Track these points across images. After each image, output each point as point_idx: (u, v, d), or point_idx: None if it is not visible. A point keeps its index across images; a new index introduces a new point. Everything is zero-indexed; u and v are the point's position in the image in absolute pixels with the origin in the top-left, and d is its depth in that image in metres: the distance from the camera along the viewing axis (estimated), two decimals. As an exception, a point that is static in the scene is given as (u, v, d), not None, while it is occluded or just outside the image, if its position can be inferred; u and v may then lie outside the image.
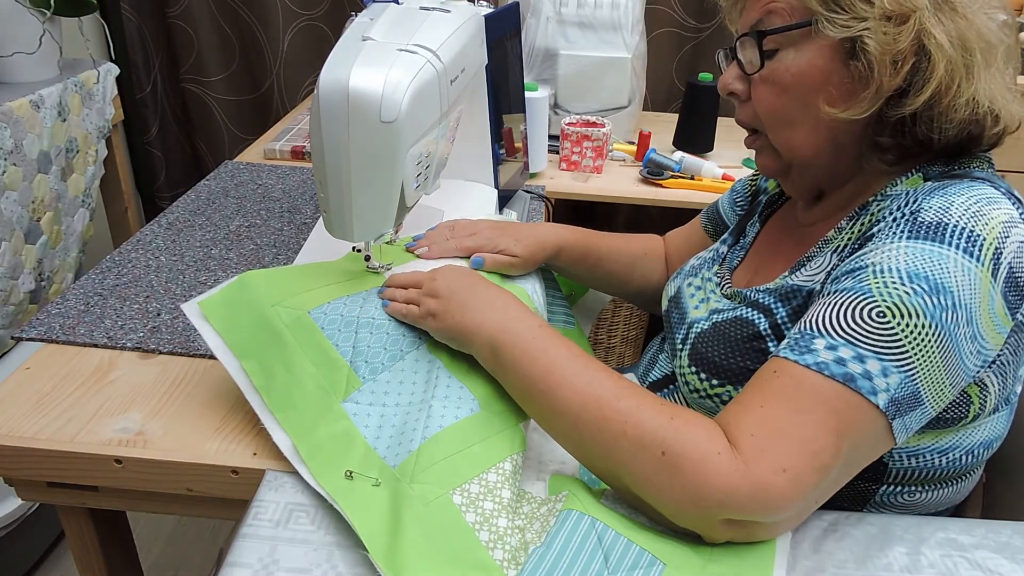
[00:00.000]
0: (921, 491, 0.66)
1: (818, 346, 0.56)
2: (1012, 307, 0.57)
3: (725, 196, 0.95)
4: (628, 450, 0.56)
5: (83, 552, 0.78)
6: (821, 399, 0.54)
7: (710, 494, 0.53)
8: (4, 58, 1.37)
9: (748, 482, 0.52)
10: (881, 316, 0.54)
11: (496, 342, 0.64)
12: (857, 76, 0.61)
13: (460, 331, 0.66)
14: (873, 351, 0.54)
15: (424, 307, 0.68)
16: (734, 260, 0.82)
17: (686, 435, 0.55)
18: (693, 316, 0.76)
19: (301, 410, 0.64)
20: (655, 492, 0.55)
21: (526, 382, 0.62)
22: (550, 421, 0.62)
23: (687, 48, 1.89)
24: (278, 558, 0.55)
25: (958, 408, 0.61)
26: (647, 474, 0.55)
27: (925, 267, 0.55)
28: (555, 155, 1.53)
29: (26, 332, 0.81)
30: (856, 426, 0.54)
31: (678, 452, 0.54)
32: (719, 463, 0.53)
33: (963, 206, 0.57)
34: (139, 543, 0.91)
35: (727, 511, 0.53)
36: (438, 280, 0.70)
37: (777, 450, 0.53)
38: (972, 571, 0.57)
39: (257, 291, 0.70)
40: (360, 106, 0.64)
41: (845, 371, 0.54)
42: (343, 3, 1.93)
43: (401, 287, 0.73)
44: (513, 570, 0.54)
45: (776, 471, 0.52)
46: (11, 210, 1.27)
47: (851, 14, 0.60)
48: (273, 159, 1.40)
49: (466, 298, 0.67)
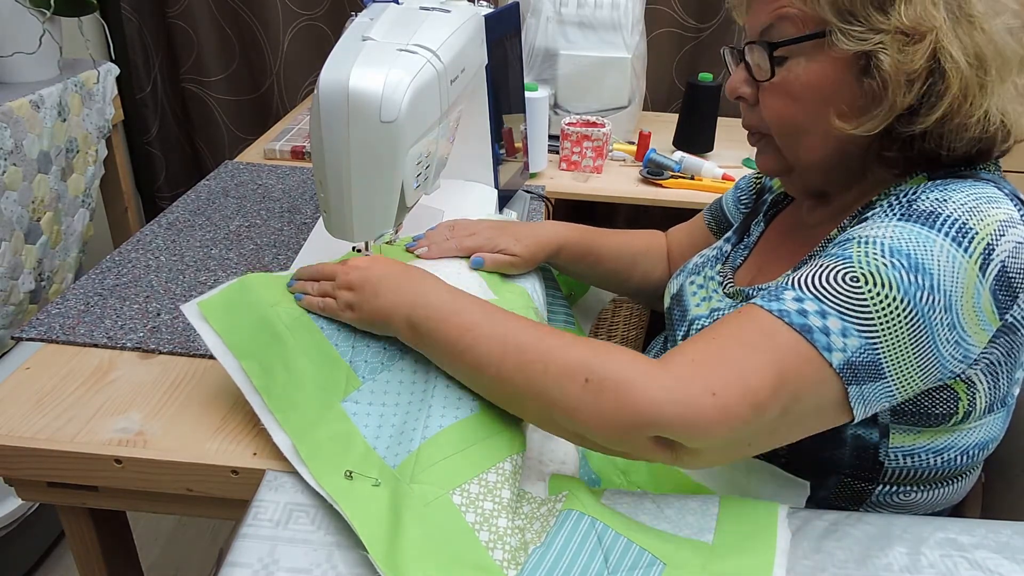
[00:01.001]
0: (917, 491, 0.66)
1: (786, 296, 0.56)
2: (1001, 307, 0.56)
3: (729, 193, 0.95)
4: (553, 384, 0.56)
5: (83, 552, 0.78)
6: (772, 341, 0.54)
7: (634, 408, 0.53)
8: (4, 58, 1.37)
9: (674, 398, 0.52)
10: (854, 280, 0.55)
11: (412, 317, 0.64)
12: (870, 93, 0.60)
13: (378, 315, 0.66)
14: (837, 310, 0.54)
15: (342, 300, 0.68)
16: (737, 259, 0.81)
17: (608, 360, 0.55)
18: (695, 313, 0.76)
19: (301, 410, 0.64)
20: (584, 420, 0.56)
21: (446, 345, 0.62)
22: (477, 378, 0.62)
23: (687, 48, 1.89)
24: (278, 558, 0.55)
25: (945, 404, 0.61)
26: (574, 404, 0.56)
27: (909, 246, 0.55)
28: (555, 155, 1.53)
29: (26, 332, 0.81)
30: (803, 378, 0.54)
31: (601, 375, 0.55)
32: (644, 378, 0.53)
33: (960, 201, 0.57)
34: (139, 543, 0.91)
35: (653, 428, 0.53)
36: (351, 272, 0.69)
37: (711, 374, 0.53)
38: (972, 571, 0.57)
39: (256, 292, 0.70)
40: (360, 106, 0.64)
41: (804, 322, 0.54)
42: (343, 3, 1.93)
43: (311, 279, 0.71)
44: (513, 570, 0.54)
45: (705, 392, 0.52)
46: (11, 210, 1.27)
47: (867, 26, 0.58)
48: (273, 159, 1.40)
49: (378, 283, 0.67)
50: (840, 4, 0.59)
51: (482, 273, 0.80)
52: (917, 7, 0.57)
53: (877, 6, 0.58)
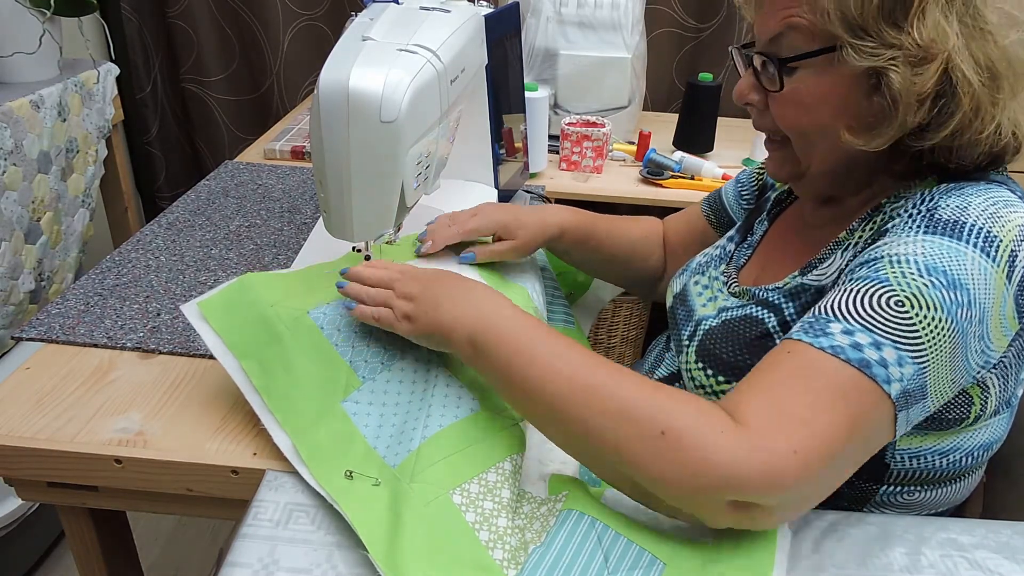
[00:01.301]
0: (921, 491, 0.66)
1: (834, 330, 0.54)
2: (1021, 311, 0.56)
3: (730, 186, 0.94)
4: (624, 433, 0.53)
5: (83, 552, 0.78)
6: (835, 383, 0.52)
7: (714, 473, 0.50)
8: (4, 58, 1.37)
9: (756, 461, 0.50)
10: (899, 305, 0.53)
11: (475, 335, 0.61)
12: (879, 110, 0.59)
13: (436, 329, 0.63)
14: (891, 339, 0.53)
15: (399, 310, 0.65)
16: (741, 258, 0.81)
17: (686, 414, 0.53)
18: (701, 313, 0.76)
19: (301, 410, 0.64)
20: (655, 475, 0.53)
21: (507, 370, 0.59)
22: (536, 408, 0.59)
23: (687, 48, 1.89)
24: (278, 558, 0.55)
25: (959, 409, 0.61)
26: (645, 456, 0.53)
27: (943, 261, 0.54)
28: (555, 155, 1.53)
29: (26, 332, 0.81)
30: (868, 414, 0.53)
31: (679, 431, 0.52)
32: (724, 441, 0.51)
33: (980, 206, 0.57)
34: (139, 543, 0.91)
35: (732, 492, 0.51)
36: (410, 282, 0.67)
37: (788, 429, 0.51)
38: (972, 571, 0.57)
39: (256, 292, 0.70)
40: (360, 106, 0.64)
41: (862, 356, 0.53)
42: (343, 3, 1.92)
43: (363, 282, 0.69)
44: (513, 570, 0.54)
45: (787, 452, 0.50)
46: (11, 210, 1.27)
47: (878, 41, 0.57)
48: (273, 159, 1.40)
49: (439, 295, 0.65)
50: (851, 19, 0.57)
51: (483, 272, 0.80)
52: (930, 21, 0.55)
53: (890, 21, 0.56)
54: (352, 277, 0.70)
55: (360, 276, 0.70)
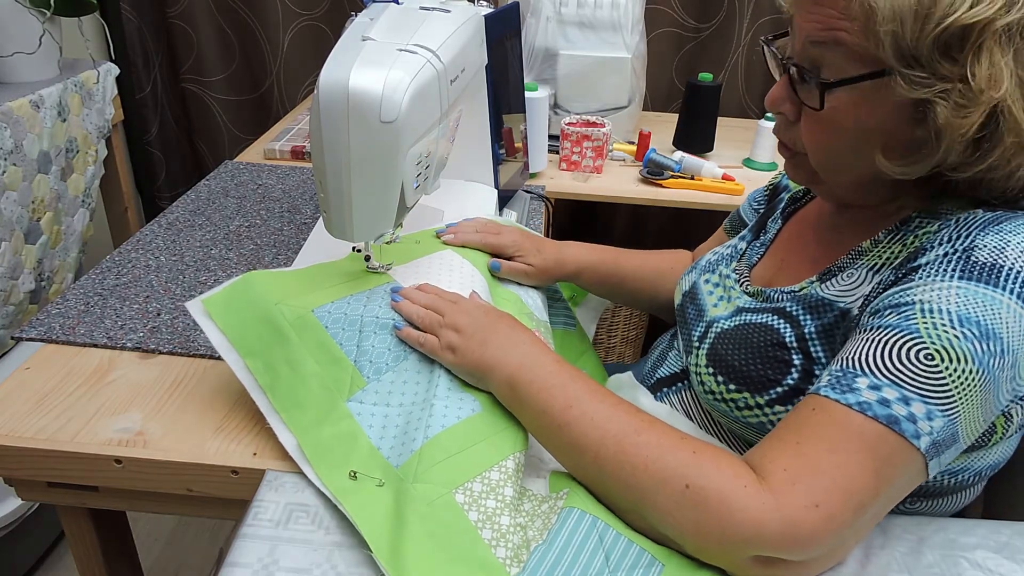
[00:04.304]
0: (924, 503, 0.66)
1: (861, 385, 0.53)
2: None
3: (745, 202, 0.96)
4: (650, 484, 0.55)
5: (83, 552, 0.78)
6: (861, 439, 0.52)
7: (737, 528, 0.51)
8: (4, 58, 1.37)
9: (778, 516, 0.50)
10: (929, 359, 0.52)
11: (515, 379, 0.63)
12: (921, 141, 0.57)
13: (480, 367, 0.65)
14: (919, 394, 0.52)
15: (445, 340, 0.67)
16: (753, 257, 0.80)
17: (710, 468, 0.53)
18: (713, 314, 0.75)
19: (306, 409, 0.64)
20: (679, 527, 0.54)
21: (545, 418, 0.61)
22: (569, 456, 0.61)
23: (687, 48, 1.89)
24: (278, 558, 0.55)
25: (982, 438, 0.60)
26: (670, 508, 0.54)
27: (977, 311, 0.53)
28: (555, 155, 1.53)
29: (26, 332, 0.81)
30: (895, 468, 0.52)
31: (702, 485, 0.53)
32: (747, 496, 0.51)
33: (1020, 247, 0.55)
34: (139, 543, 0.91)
35: (755, 547, 0.51)
36: (460, 315, 0.69)
37: (811, 485, 0.51)
38: (972, 571, 0.57)
39: (261, 290, 0.70)
40: (360, 106, 0.64)
41: (889, 413, 0.52)
42: (343, 3, 1.92)
43: (418, 303, 0.71)
44: (515, 568, 0.54)
45: (808, 506, 0.50)
46: (11, 210, 1.27)
47: (930, 72, 0.54)
48: (273, 159, 1.40)
49: (487, 335, 0.67)
50: (905, 48, 0.54)
51: (482, 271, 0.81)
52: (986, 58, 0.53)
53: (945, 53, 0.53)
54: (405, 296, 0.72)
55: (412, 297, 0.72)
